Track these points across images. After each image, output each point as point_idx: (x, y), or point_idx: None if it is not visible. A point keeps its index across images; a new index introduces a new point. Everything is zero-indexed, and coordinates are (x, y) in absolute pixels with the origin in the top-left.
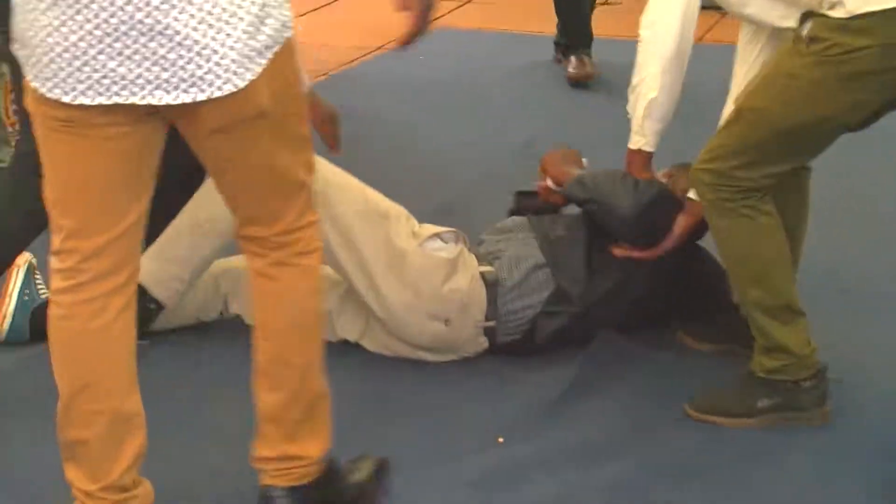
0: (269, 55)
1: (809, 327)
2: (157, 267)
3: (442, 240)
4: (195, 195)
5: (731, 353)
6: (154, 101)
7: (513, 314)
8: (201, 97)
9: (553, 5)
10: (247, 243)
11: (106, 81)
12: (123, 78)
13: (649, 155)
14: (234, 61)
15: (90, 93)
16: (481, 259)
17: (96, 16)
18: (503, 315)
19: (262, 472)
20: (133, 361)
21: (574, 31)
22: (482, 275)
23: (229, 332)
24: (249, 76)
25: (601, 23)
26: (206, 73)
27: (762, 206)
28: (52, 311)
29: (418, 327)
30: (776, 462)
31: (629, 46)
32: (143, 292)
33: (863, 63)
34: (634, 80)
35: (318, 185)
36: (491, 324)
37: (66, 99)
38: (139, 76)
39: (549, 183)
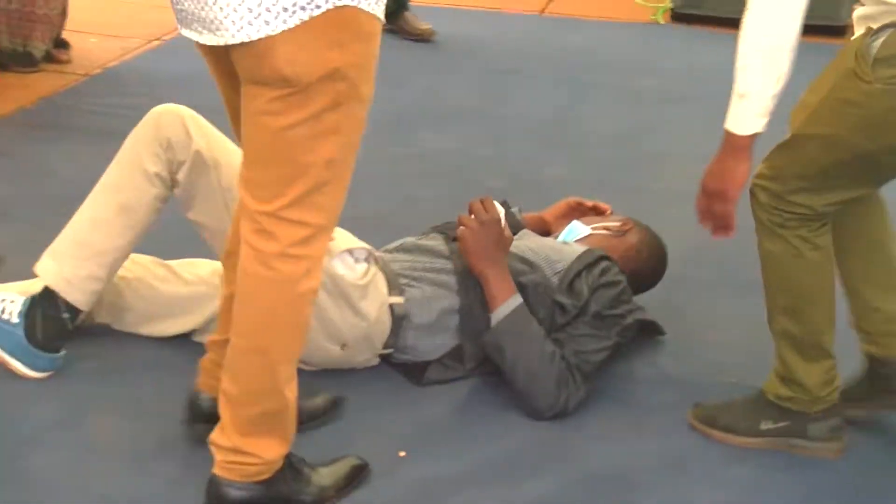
0: (303, 17)
1: (835, 371)
2: (72, 266)
3: (353, 257)
4: (108, 175)
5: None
6: (200, 40)
7: (412, 349)
8: (219, 42)
9: None
10: (241, 208)
11: (186, 17)
12: (191, 14)
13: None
14: (250, 10)
15: (182, 26)
16: (392, 284)
17: None
18: (402, 347)
19: (214, 458)
20: None
21: None
22: (391, 306)
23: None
24: (266, 31)
25: None
26: (225, 17)
27: (815, 239)
28: None
29: (313, 347)
30: (714, 479)
31: (444, 12)
32: (52, 298)
33: None
34: (757, 54)
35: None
36: (388, 351)
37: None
38: (194, 14)
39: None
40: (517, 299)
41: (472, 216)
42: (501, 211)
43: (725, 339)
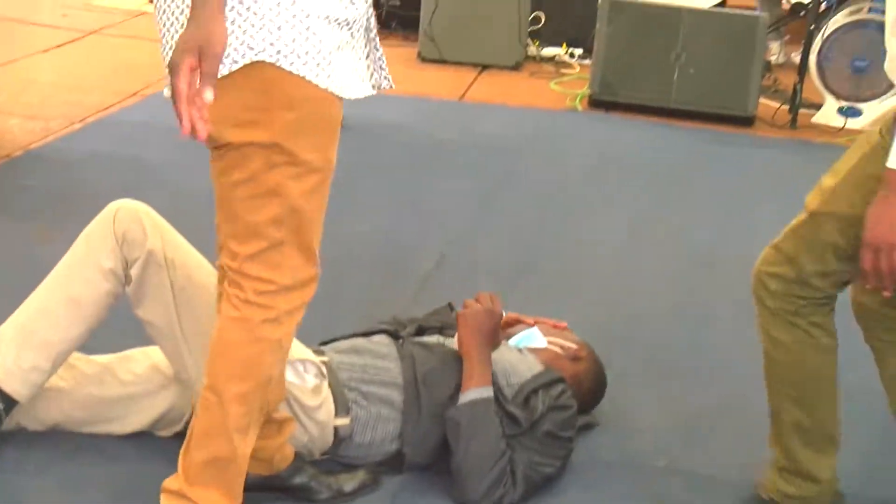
0: (222, 71)
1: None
2: (14, 355)
3: (303, 367)
4: (61, 267)
5: None
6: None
7: (352, 458)
8: (167, 95)
9: None
10: None
11: None
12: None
13: None
14: None
15: None
16: (339, 403)
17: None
18: (340, 456)
19: None
20: None
21: None
22: (336, 428)
23: None
24: None
25: None
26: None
27: (827, 324)
28: None
29: None
30: None
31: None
32: None
33: None
34: None
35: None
36: (325, 457)
37: None
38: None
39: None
40: (490, 391)
41: (478, 302)
42: (504, 313)
43: (653, 423)
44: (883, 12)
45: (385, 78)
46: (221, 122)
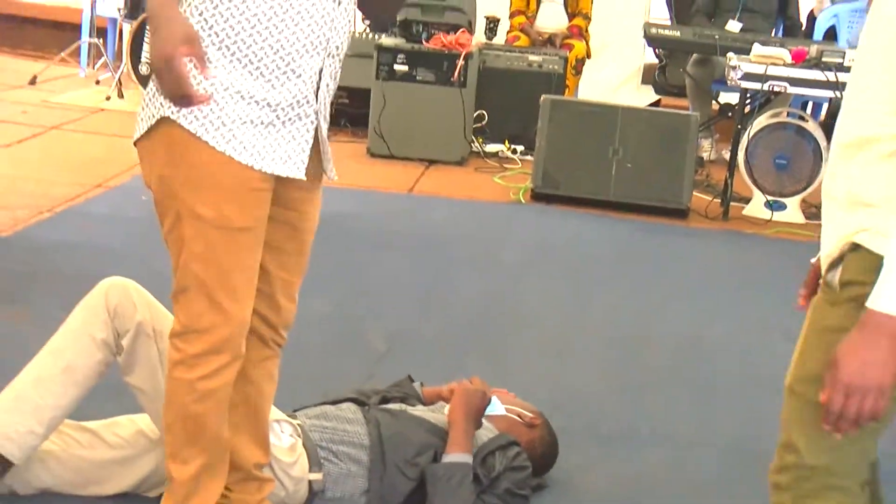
0: (148, 126)
1: None
2: (10, 420)
3: (279, 428)
4: (57, 338)
5: None
6: None
7: None
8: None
9: None
10: None
11: None
12: None
13: None
14: (141, 120)
15: None
16: (313, 460)
17: None
18: None
19: None
20: None
21: None
22: (309, 482)
23: None
24: (134, 138)
25: None
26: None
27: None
28: None
29: None
30: None
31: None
32: None
33: None
34: None
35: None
36: None
37: None
38: None
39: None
40: (470, 458)
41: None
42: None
43: (596, 485)
44: (799, 117)
45: (331, 170)
46: (148, 176)
